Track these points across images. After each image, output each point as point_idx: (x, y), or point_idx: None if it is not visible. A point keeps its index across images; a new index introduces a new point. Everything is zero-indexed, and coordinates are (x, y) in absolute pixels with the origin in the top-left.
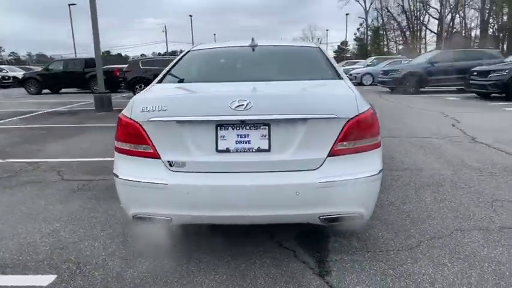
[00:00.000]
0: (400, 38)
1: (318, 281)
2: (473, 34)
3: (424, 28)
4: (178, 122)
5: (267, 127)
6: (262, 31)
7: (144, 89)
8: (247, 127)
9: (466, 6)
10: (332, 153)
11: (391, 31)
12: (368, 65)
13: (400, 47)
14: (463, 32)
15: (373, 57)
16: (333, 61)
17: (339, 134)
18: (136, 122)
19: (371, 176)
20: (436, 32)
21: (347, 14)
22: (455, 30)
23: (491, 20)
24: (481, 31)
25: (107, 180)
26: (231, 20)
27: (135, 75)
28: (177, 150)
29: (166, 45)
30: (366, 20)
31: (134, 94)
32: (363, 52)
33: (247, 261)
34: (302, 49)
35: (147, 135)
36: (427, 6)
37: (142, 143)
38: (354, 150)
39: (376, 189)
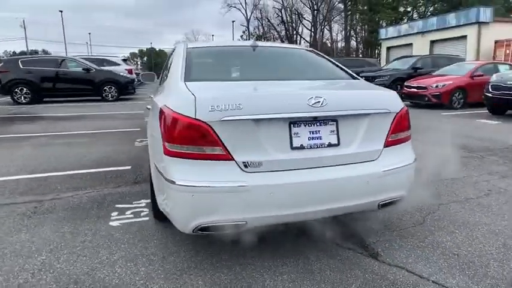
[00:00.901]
0: None
1: (375, 261)
2: (339, 45)
3: (300, 38)
4: (254, 120)
5: (335, 123)
6: (139, 33)
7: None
8: (318, 123)
9: (332, 21)
10: (386, 145)
11: (272, 40)
12: None
13: None
14: (330, 42)
15: None
16: (333, 61)
17: (390, 127)
18: (204, 123)
19: (411, 163)
20: (309, 41)
21: (233, 21)
22: (325, 40)
23: (353, 34)
24: (345, 43)
25: (64, 199)
26: (99, 18)
27: (14, 77)
28: (252, 150)
29: (26, 43)
30: (248, 28)
31: (14, 99)
32: None
33: (305, 258)
34: (301, 51)
35: (218, 136)
36: (302, 18)
37: (211, 145)
38: (398, 141)
39: (413, 174)
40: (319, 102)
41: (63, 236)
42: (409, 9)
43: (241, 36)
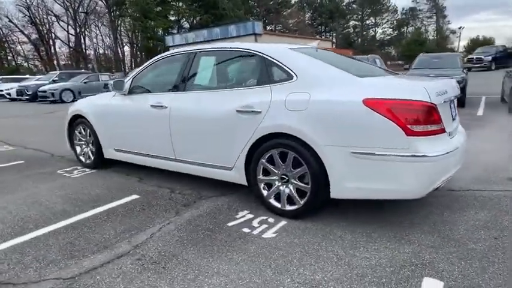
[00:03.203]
0: (34, 53)
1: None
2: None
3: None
4: (446, 101)
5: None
6: None
7: None
8: (453, 101)
9: (102, 26)
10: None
11: (17, 44)
12: (54, 80)
13: (37, 62)
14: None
15: (58, 72)
16: None
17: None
18: (435, 105)
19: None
20: (71, 46)
21: None
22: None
23: (126, 40)
24: (115, 48)
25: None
26: None
27: None
28: (447, 123)
29: None
30: None
31: None
32: None
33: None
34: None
35: (439, 114)
36: (58, 20)
37: (438, 122)
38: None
39: None
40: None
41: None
42: (178, 18)
43: None
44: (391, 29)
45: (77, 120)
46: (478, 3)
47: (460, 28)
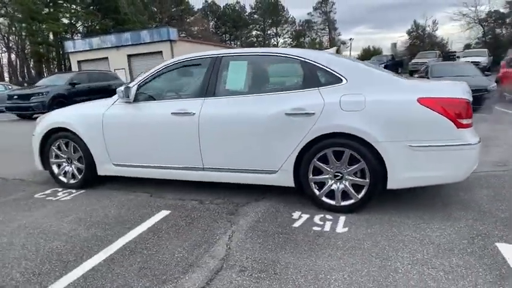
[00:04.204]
0: None
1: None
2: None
3: None
4: None
5: None
6: None
7: None
8: None
9: None
10: None
11: None
12: None
13: None
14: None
15: None
16: None
17: None
18: (470, 101)
19: None
20: None
21: None
22: None
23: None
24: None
25: None
26: None
27: None
28: None
29: None
30: None
31: None
32: None
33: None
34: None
35: (472, 110)
36: None
37: (471, 116)
38: None
39: None
40: None
41: None
42: (72, 21)
43: None
44: (291, 39)
45: (55, 135)
46: (355, 18)
47: (350, 39)
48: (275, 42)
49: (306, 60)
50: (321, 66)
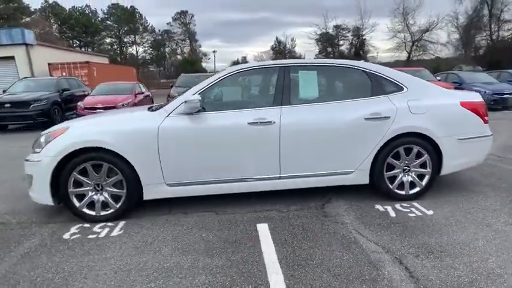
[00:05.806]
0: None
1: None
2: None
3: None
4: None
5: None
6: None
7: None
8: None
9: None
10: None
11: None
12: None
13: None
14: None
15: None
16: None
17: None
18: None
19: None
20: None
21: None
22: None
23: None
24: None
25: None
26: None
27: None
28: None
29: None
30: None
31: None
32: None
33: None
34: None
35: None
36: None
37: (487, 114)
38: None
39: None
40: None
41: None
42: None
43: None
44: (152, 48)
45: (81, 157)
46: (208, 32)
47: (213, 52)
48: (134, 52)
49: (371, 71)
50: (385, 77)
